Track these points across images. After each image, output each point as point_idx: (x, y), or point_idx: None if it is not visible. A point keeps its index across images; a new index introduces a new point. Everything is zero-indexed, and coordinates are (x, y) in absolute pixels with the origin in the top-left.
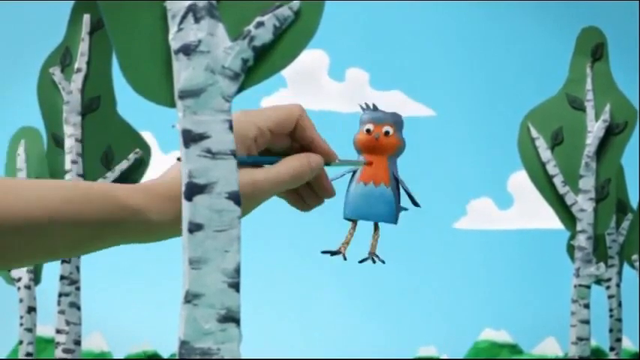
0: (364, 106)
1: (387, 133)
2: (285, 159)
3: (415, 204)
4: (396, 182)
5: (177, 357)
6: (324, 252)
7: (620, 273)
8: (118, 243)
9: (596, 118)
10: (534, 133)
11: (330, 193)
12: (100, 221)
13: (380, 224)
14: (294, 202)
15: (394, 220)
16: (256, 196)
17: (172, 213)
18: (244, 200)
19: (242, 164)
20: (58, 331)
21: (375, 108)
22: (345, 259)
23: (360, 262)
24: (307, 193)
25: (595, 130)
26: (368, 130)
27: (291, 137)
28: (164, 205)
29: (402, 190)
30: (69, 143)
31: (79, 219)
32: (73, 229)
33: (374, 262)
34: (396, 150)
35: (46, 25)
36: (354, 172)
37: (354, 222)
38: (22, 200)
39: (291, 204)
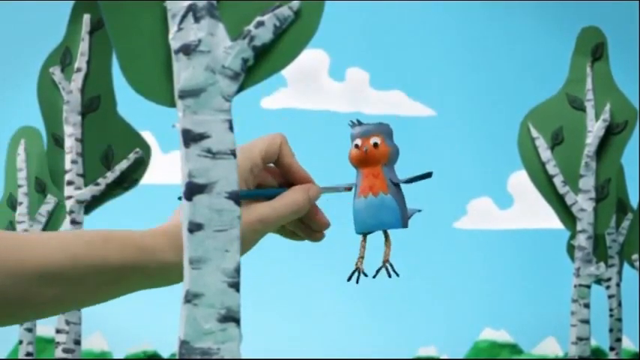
0: (351, 123)
1: (375, 144)
2: (286, 192)
3: (426, 176)
4: (397, 187)
5: (177, 357)
6: (348, 279)
7: (620, 273)
8: (139, 287)
9: (597, 117)
10: (534, 132)
11: (325, 225)
12: (120, 264)
13: (390, 231)
14: (289, 235)
15: (401, 224)
16: (263, 231)
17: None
18: (251, 236)
19: (245, 198)
20: (58, 331)
21: (360, 123)
22: (365, 275)
23: (375, 275)
24: (298, 226)
25: (595, 129)
26: (357, 146)
27: (276, 165)
28: (177, 245)
29: (408, 193)
30: (69, 143)
31: (100, 263)
32: (96, 273)
33: (389, 274)
34: (388, 158)
35: (46, 25)
36: (355, 189)
37: (364, 235)
38: (46, 248)
39: (286, 237)
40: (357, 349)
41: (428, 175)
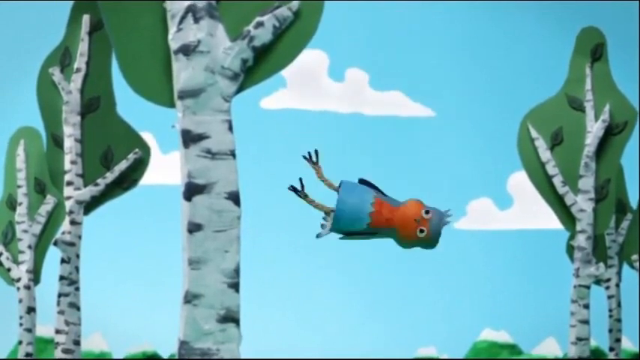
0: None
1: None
2: None
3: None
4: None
5: (176, 357)
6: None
7: (619, 273)
8: None
9: (596, 118)
10: (534, 133)
11: None
12: None
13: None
14: None
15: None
16: None
17: None
18: None
19: None
20: (58, 332)
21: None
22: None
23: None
24: None
25: (594, 130)
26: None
27: None
28: None
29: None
30: (68, 143)
31: None
32: None
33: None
34: None
35: (46, 25)
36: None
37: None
38: None
39: None
40: (357, 349)
41: None
